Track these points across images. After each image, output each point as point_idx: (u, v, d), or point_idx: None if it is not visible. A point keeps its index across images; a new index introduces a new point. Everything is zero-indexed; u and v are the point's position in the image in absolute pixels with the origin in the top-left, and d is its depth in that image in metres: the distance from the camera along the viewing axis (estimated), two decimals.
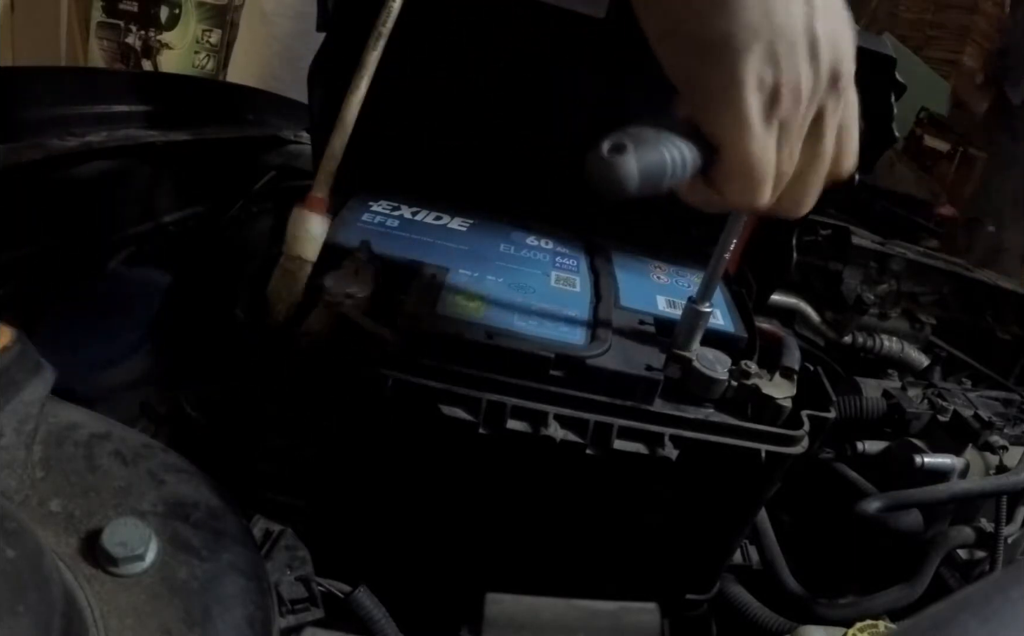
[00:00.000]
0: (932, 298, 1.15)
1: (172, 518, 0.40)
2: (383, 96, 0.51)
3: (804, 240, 1.04)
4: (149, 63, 2.52)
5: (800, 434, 0.52)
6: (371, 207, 0.64)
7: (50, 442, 0.41)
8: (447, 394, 0.48)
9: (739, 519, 0.58)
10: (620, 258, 0.66)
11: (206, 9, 2.50)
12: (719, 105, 0.37)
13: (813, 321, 1.06)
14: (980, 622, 0.25)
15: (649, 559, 0.57)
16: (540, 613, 0.49)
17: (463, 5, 0.60)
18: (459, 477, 0.52)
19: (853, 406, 0.78)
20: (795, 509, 0.76)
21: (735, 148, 0.38)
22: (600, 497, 0.53)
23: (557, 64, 0.63)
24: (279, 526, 0.50)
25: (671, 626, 0.53)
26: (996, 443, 0.74)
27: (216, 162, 0.84)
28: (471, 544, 0.56)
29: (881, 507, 0.66)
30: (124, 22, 2.50)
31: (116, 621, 0.34)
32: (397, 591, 0.52)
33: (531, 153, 0.65)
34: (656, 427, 0.50)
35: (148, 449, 0.45)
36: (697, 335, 0.52)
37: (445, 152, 0.68)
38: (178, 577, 0.37)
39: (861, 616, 0.56)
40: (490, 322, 0.51)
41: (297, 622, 0.47)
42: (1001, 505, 0.68)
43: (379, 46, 0.50)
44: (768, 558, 0.66)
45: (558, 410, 0.49)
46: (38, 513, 0.38)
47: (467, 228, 0.65)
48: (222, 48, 2.51)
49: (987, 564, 0.68)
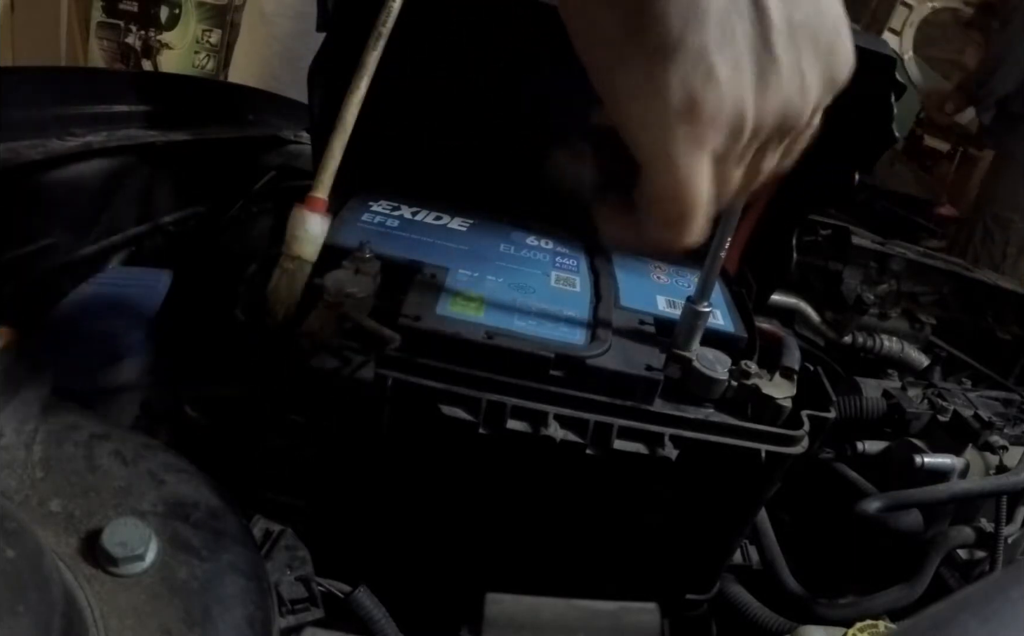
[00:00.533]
0: (932, 298, 1.16)
1: (172, 518, 0.40)
2: (383, 96, 0.51)
3: (804, 240, 1.04)
4: (149, 63, 2.52)
5: (800, 434, 0.52)
6: (371, 207, 0.64)
7: (50, 442, 0.42)
8: (447, 394, 0.48)
9: (739, 519, 0.58)
10: (620, 258, 0.66)
11: (206, 9, 2.51)
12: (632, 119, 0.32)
13: (813, 321, 1.06)
14: (980, 622, 0.25)
15: (649, 559, 0.57)
16: (540, 613, 0.49)
17: (463, 5, 0.60)
18: (459, 477, 0.52)
19: (853, 406, 0.78)
20: (795, 509, 0.76)
21: (656, 173, 0.33)
22: (600, 497, 0.53)
23: (557, 64, 0.63)
24: (279, 526, 0.50)
25: (671, 626, 0.53)
26: (996, 443, 0.74)
27: (216, 162, 0.84)
28: (471, 544, 0.56)
29: (881, 507, 0.66)
30: (124, 22, 2.51)
31: (116, 621, 0.34)
32: (397, 591, 0.52)
33: (531, 153, 0.65)
34: (656, 427, 0.50)
35: (148, 449, 0.45)
36: (697, 335, 0.52)
37: (445, 152, 0.68)
38: (178, 577, 0.37)
39: (861, 616, 0.56)
40: (490, 322, 0.51)
41: (297, 622, 0.47)
42: (1001, 505, 0.68)
43: (379, 46, 0.50)
44: (768, 558, 0.66)
45: (558, 410, 0.49)
46: (38, 513, 0.38)
47: (467, 228, 0.65)
48: (222, 48, 2.51)
49: (987, 564, 0.68)
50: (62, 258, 0.65)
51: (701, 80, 0.30)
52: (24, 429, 0.41)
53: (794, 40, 0.31)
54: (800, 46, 0.31)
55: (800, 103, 0.32)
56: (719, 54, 0.30)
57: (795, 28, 0.31)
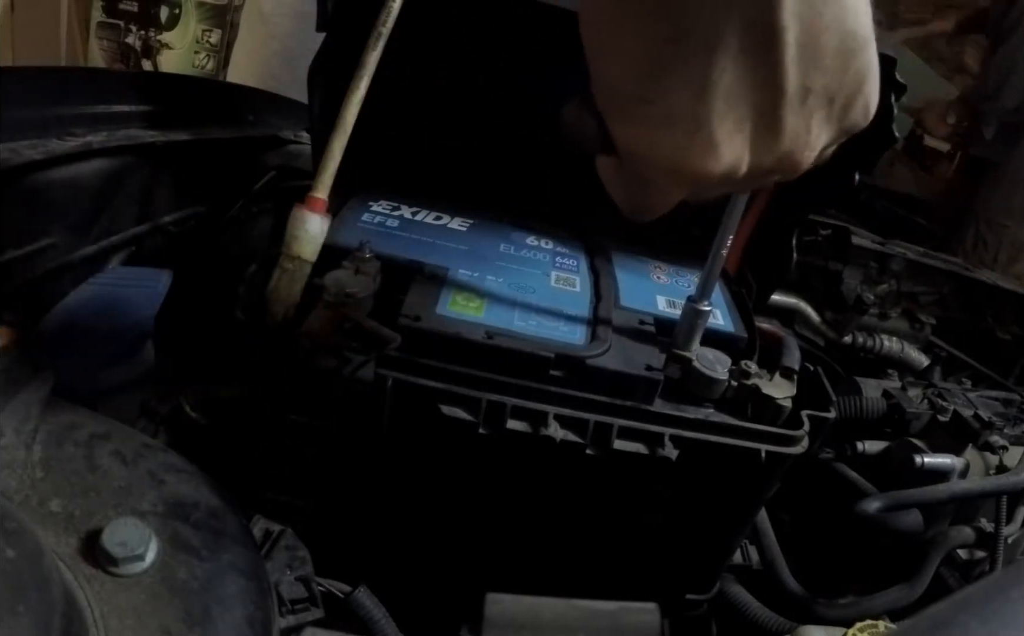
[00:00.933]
0: (932, 298, 1.16)
1: (172, 518, 0.40)
2: (383, 96, 0.51)
3: (804, 240, 1.04)
4: (149, 63, 2.52)
5: (800, 434, 0.52)
6: (371, 207, 0.64)
7: (50, 442, 0.42)
8: (447, 394, 0.48)
9: (739, 519, 0.58)
10: (620, 258, 0.66)
11: (206, 9, 2.50)
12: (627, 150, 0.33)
13: (813, 321, 1.06)
14: (980, 622, 0.25)
15: (649, 559, 0.57)
16: (540, 613, 0.49)
17: (463, 5, 0.60)
18: (459, 477, 0.52)
19: (853, 406, 0.78)
20: (795, 509, 0.76)
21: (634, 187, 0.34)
22: (600, 497, 0.53)
23: (557, 64, 0.63)
24: (279, 526, 0.50)
25: (671, 626, 0.53)
26: (996, 443, 0.74)
27: (216, 162, 0.84)
28: (471, 544, 0.56)
29: (881, 507, 0.66)
30: (124, 22, 2.50)
31: (116, 621, 0.34)
32: (397, 591, 0.52)
33: (531, 153, 0.65)
34: (656, 427, 0.50)
35: (148, 449, 0.45)
36: (697, 335, 0.52)
37: (445, 152, 0.68)
38: (178, 577, 0.37)
39: (861, 616, 0.56)
40: (490, 322, 0.51)
41: (297, 622, 0.47)
42: (1001, 505, 0.68)
43: (379, 46, 0.50)
44: (768, 558, 0.66)
45: (558, 410, 0.48)
46: (38, 513, 0.38)
47: (467, 228, 0.65)
48: (222, 48, 2.51)
49: (987, 564, 0.68)
50: (62, 258, 0.65)
51: (700, 150, 0.30)
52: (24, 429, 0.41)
53: (805, 105, 0.30)
54: (812, 109, 0.30)
55: (801, 156, 0.32)
56: (722, 126, 0.30)
57: (809, 93, 0.30)
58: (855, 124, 0.33)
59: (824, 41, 0.29)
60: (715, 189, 0.33)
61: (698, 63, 0.28)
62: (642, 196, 0.35)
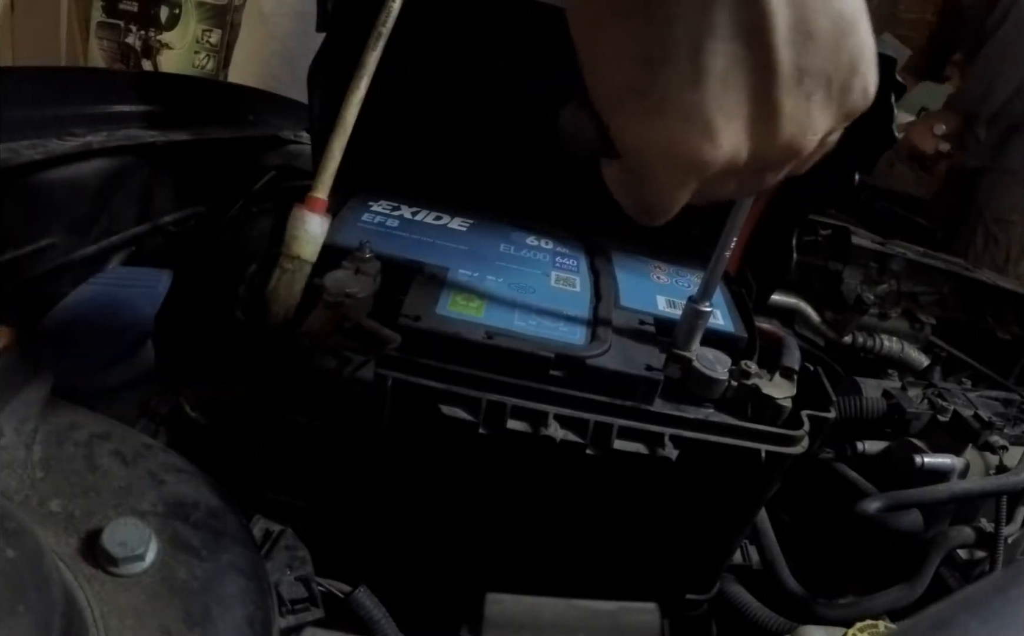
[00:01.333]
0: (932, 298, 1.16)
1: (172, 518, 0.40)
2: (383, 96, 0.51)
3: (804, 240, 1.04)
4: (149, 63, 2.52)
5: (800, 434, 0.52)
6: (371, 207, 0.64)
7: (50, 442, 0.42)
8: (447, 394, 0.48)
9: (739, 519, 0.58)
10: (620, 258, 0.66)
11: (206, 9, 2.50)
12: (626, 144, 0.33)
13: (813, 321, 1.06)
14: (980, 622, 0.25)
15: (649, 559, 0.57)
16: (540, 613, 0.49)
17: (463, 5, 0.60)
18: (459, 477, 0.52)
19: (853, 406, 0.78)
20: (795, 509, 0.76)
21: (636, 184, 0.34)
22: (600, 497, 0.53)
23: (557, 64, 0.63)
24: (279, 526, 0.50)
25: (671, 626, 0.53)
26: (996, 443, 0.74)
27: (216, 162, 0.84)
28: (471, 544, 0.56)
29: (881, 507, 0.66)
30: (124, 22, 2.50)
31: (116, 621, 0.34)
32: (397, 591, 0.52)
33: (531, 153, 0.65)
34: (656, 427, 0.50)
35: (148, 449, 0.45)
36: (697, 335, 0.52)
37: (445, 152, 0.68)
38: (178, 577, 0.37)
39: (861, 616, 0.56)
40: (490, 322, 0.51)
41: (297, 622, 0.47)
42: (1001, 505, 0.68)
43: (379, 46, 0.50)
44: (768, 558, 0.66)
45: (558, 410, 0.48)
46: (38, 513, 0.38)
47: (467, 228, 0.65)
48: (222, 48, 2.51)
49: (987, 564, 0.68)
50: (62, 258, 0.65)
51: (698, 136, 0.30)
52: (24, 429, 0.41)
53: (802, 86, 0.30)
54: (809, 90, 0.30)
55: (803, 141, 0.32)
56: (719, 111, 0.30)
57: (804, 74, 0.30)
58: (855, 106, 0.33)
59: (815, 22, 0.29)
60: (721, 185, 0.33)
61: (688, 49, 0.29)
62: (648, 197, 0.34)
